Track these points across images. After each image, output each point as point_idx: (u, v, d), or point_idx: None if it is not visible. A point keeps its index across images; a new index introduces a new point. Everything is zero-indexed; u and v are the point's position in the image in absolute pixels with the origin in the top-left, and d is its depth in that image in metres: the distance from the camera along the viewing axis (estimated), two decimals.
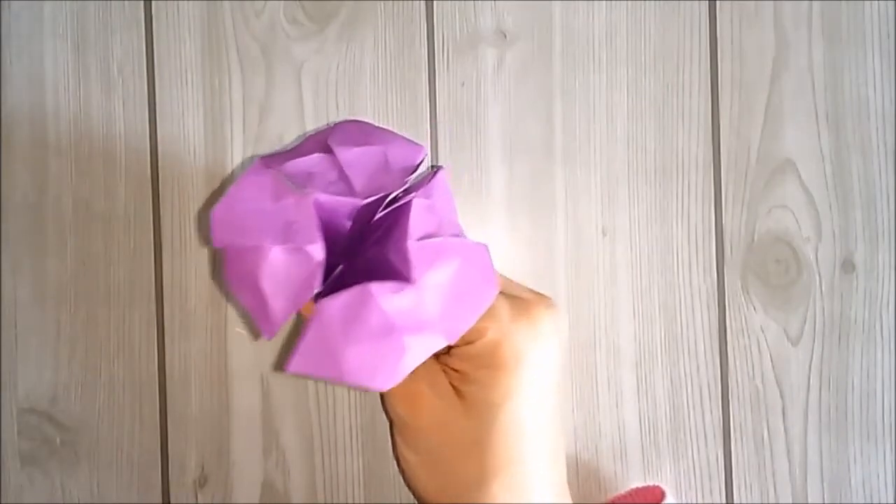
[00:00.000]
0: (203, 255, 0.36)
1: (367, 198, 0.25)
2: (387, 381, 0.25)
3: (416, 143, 0.27)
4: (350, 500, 0.36)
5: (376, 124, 0.29)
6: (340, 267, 0.27)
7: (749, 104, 0.37)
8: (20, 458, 0.36)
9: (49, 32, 0.36)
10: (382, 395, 0.32)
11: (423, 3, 0.37)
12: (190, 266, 0.36)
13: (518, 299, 0.30)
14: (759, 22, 0.37)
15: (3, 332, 0.36)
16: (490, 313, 0.28)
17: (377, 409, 0.36)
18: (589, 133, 0.37)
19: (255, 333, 0.35)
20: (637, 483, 0.36)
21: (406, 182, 0.26)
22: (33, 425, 0.36)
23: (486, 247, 0.27)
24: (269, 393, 0.36)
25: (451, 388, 0.29)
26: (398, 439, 0.31)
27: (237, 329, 0.36)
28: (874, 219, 0.37)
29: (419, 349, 0.25)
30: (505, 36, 0.37)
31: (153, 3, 0.36)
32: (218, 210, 0.25)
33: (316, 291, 0.24)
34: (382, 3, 0.37)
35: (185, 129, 0.36)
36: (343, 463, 0.36)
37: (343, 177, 0.25)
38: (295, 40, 0.36)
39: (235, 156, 0.36)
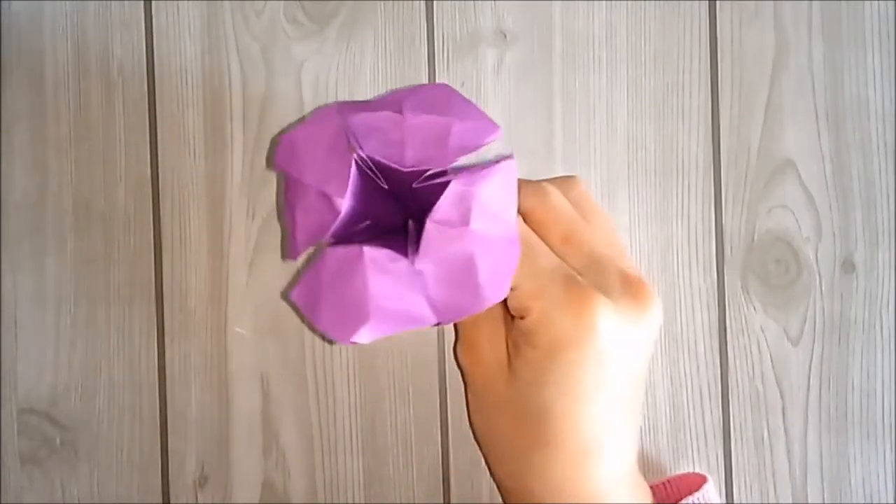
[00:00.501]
0: (203, 255, 0.36)
1: (410, 167, 0.26)
2: (344, 337, 0.26)
3: (493, 124, 0.27)
4: (350, 501, 0.36)
5: (466, 96, 0.28)
6: (367, 222, 0.28)
7: (749, 104, 0.37)
8: (20, 458, 0.36)
9: (49, 32, 0.36)
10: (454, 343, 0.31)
11: (423, 3, 0.37)
12: (190, 266, 0.36)
13: (577, 285, 0.27)
14: (759, 22, 0.37)
15: (3, 332, 0.36)
16: (539, 292, 0.27)
17: (377, 409, 0.36)
18: (589, 133, 0.37)
19: (283, 254, 0.36)
20: None
21: (456, 161, 0.26)
22: (33, 425, 0.36)
23: (514, 242, 0.27)
24: (269, 393, 0.36)
25: (505, 350, 0.28)
26: (467, 395, 0.30)
27: (237, 329, 0.36)
28: (874, 219, 0.37)
29: (388, 322, 0.26)
30: (505, 36, 0.37)
31: (153, 3, 0.36)
32: (286, 138, 0.27)
33: (330, 238, 0.26)
34: (382, 3, 0.37)
35: (185, 128, 0.36)
36: (343, 463, 0.36)
37: (402, 140, 0.26)
38: (295, 40, 0.36)
39: (235, 156, 0.36)
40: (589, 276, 0.28)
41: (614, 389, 0.28)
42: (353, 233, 0.27)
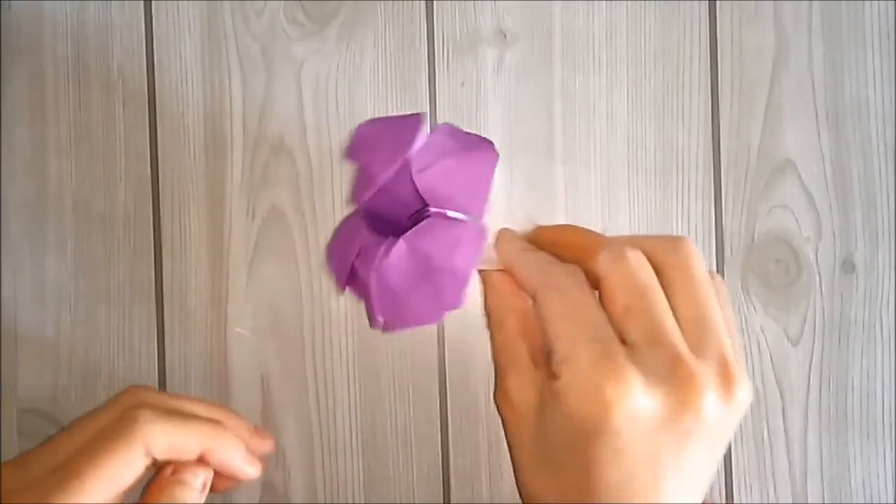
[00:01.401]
0: (203, 255, 0.36)
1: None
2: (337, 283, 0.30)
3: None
4: (350, 500, 0.36)
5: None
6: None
7: (749, 104, 0.37)
8: None
9: (49, 32, 0.36)
10: None
11: (423, 3, 0.37)
12: (190, 266, 0.36)
13: (608, 359, 0.26)
14: (759, 22, 0.37)
15: (3, 332, 0.36)
16: (570, 358, 0.26)
17: (377, 409, 0.36)
18: (589, 133, 0.37)
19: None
20: None
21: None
22: (33, 425, 0.36)
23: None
24: (269, 393, 0.36)
25: (534, 396, 0.28)
26: (505, 430, 0.30)
27: (237, 329, 0.36)
28: (874, 219, 0.37)
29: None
30: (505, 36, 0.37)
31: (153, 3, 0.36)
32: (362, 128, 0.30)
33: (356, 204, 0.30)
34: (382, 3, 0.37)
35: (185, 128, 0.36)
36: (343, 463, 0.36)
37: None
38: (295, 40, 0.36)
39: (235, 156, 0.36)
40: (639, 354, 0.26)
41: (629, 468, 0.26)
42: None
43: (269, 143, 0.36)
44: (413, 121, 0.30)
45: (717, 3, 0.37)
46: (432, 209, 0.30)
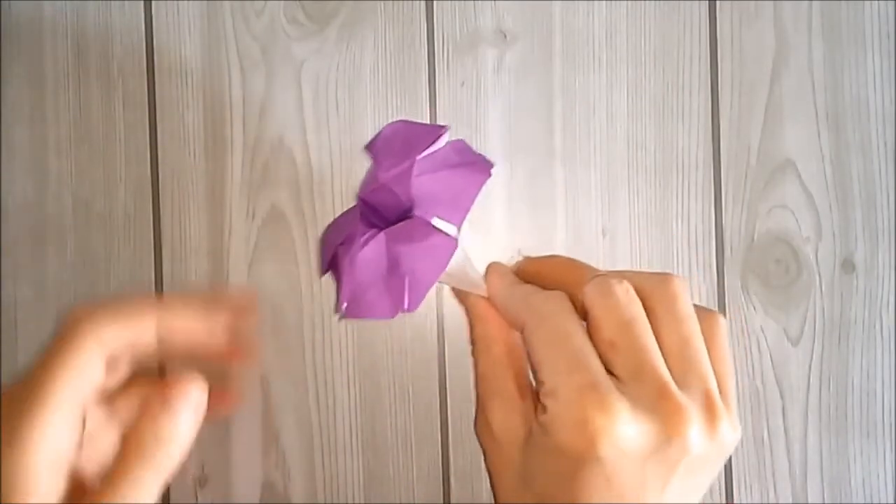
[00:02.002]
0: (203, 255, 0.36)
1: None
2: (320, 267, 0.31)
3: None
4: (350, 500, 0.36)
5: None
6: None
7: (749, 104, 0.37)
8: None
9: (49, 32, 0.36)
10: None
11: (423, 3, 0.37)
12: (190, 266, 0.36)
13: (592, 393, 0.26)
14: (759, 22, 0.37)
15: (3, 332, 0.36)
16: (555, 392, 0.26)
17: (377, 409, 0.36)
18: (589, 133, 0.37)
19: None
20: None
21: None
22: None
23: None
24: (269, 393, 0.36)
25: (518, 425, 0.28)
26: (486, 463, 0.30)
27: None
28: (874, 219, 0.37)
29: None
30: (505, 36, 0.37)
31: (153, 3, 0.36)
32: (388, 128, 0.31)
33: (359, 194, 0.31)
34: (382, 3, 0.37)
35: (185, 129, 0.36)
36: (343, 463, 0.36)
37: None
38: (295, 40, 0.36)
39: (235, 156, 0.36)
40: (625, 386, 0.27)
41: (619, 501, 0.26)
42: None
43: (269, 143, 0.36)
44: (435, 130, 0.31)
45: (717, 3, 0.37)
46: (416, 213, 0.30)
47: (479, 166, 0.31)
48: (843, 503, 0.37)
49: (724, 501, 0.37)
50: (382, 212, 0.31)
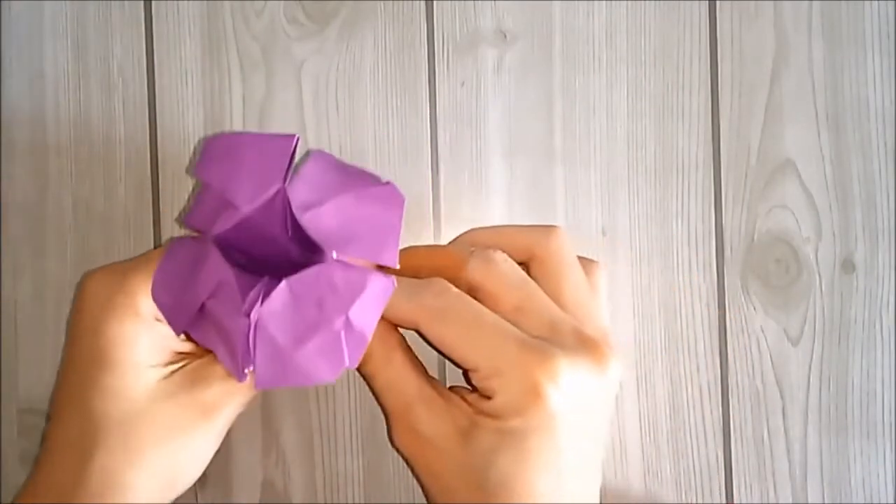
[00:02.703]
0: None
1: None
2: (174, 321, 0.27)
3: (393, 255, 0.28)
4: (350, 500, 0.36)
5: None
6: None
7: (749, 104, 0.37)
8: (20, 458, 0.36)
9: (49, 32, 0.36)
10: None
11: (423, 3, 0.37)
12: None
13: (528, 346, 0.26)
14: (759, 22, 0.37)
15: (3, 332, 0.36)
16: (496, 370, 0.26)
17: (377, 409, 0.36)
18: (589, 133, 0.37)
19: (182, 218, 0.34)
20: (637, 484, 0.36)
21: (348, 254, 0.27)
22: (33, 425, 0.36)
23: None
24: (269, 393, 0.36)
25: (449, 423, 0.27)
26: (417, 476, 0.30)
27: None
28: (874, 219, 0.37)
29: (205, 332, 0.27)
30: (505, 36, 0.37)
31: (153, 3, 0.36)
32: (229, 138, 0.28)
33: (212, 234, 0.27)
34: (382, 3, 0.37)
35: (185, 129, 0.36)
36: (343, 463, 0.36)
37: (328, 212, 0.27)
38: (295, 40, 0.36)
39: None
40: (549, 340, 0.27)
41: (571, 454, 0.27)
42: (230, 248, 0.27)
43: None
44: (283, 143, 0.27)
45: (717, 3, 0.37)
46: (334, 254, 0.26)
47: (381, 187, 0.27)
48: (843, 503, 0.37)
49: (724, 501, 0.37)
50: (254, 253, 0.27)
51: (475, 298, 0.28)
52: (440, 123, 0.37)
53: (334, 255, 0.26)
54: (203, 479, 0.36)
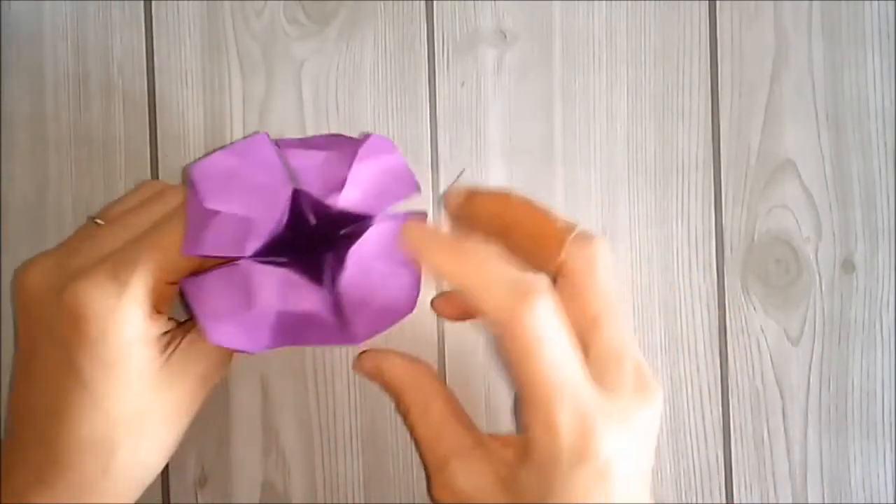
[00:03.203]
0: None
1: (341, 208, 0.29)
2: (213, 331, 0.29)
3: (415, 183, 0.30)
4: (350, 500, 0.36)
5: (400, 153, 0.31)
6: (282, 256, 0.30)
7: (749, 104, 0.37)
8: None
9: (49, 32, 0.36)
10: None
11: (423, 3, 0.37)
12: None
13: (581, 403, 0.24)
14: (759, 22, 0.37)
15: (2, 332, 0.36)
16: (539, 408, 0.24)
17: (377, 409, 0.36)
18: (589, 133, 0.37)
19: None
20: None
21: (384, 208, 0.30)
22: None
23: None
24: (269, 393, 0.36)
25: (488, 475, 0.26)
26: None
27: None
28: (874, 219, 0.37)
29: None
30: (505, 36, 0.37)
31: (153, 3, 0.36)
32: (210, 163, 0.29)
33: (247, 256, 0.28)
34: (382, 3, 0.37)
35: (185, 129, 0.36)
36: (343, 463, 0.36)
37: (342, 183, 0.29)
38: (295, 40, 0.36)
39: None
40: (608, 372, 0.26)
41: (622, 499, 0.25)
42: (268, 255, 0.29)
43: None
44: (264, 147, 0.28)
45: (717, 3, 0.37)
46: (375, 217, 0.28)
47: (372, 143, 0.29)
48: (843, 503, 0.37)
49: (724, 501, 0.37)
50: (270, 251, 0.28)
51: (557, 280, 0.26)
52: (440, 123, 0.37)
53: (377, 218, 0.28)
54: (203, 479, 0.36)
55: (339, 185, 0.28)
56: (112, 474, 0.28)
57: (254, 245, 0.27)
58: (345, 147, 0.30)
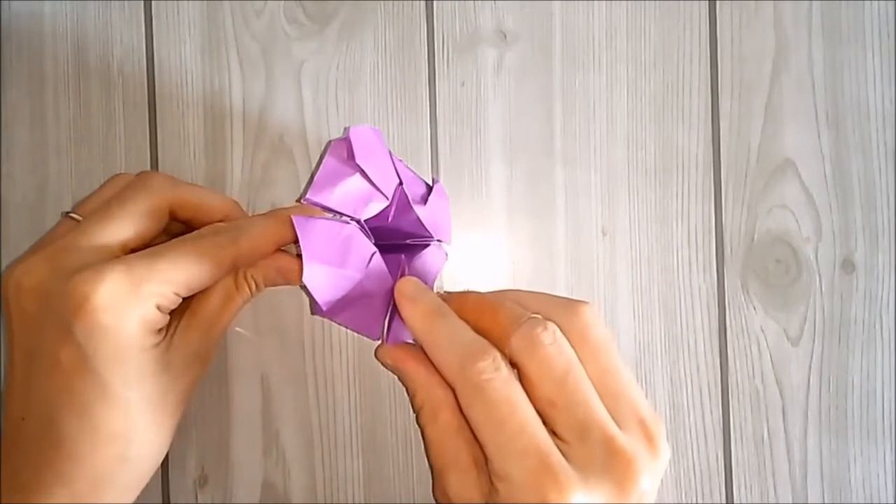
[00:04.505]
0: None
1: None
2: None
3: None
4: (350, 500, 0.36)
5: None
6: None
7: (749, 104, 0.37)
8: None
9: (49, 32, 0.36)
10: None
11: (423, 3, 0.37)
12: None
13: (544, 471, 0.25)
14: (759, 22, 0.37)
15: (2, 332, 0.36)
16: (505, 473, 0.25)
17: (377, 409, 0.36)
18: (589, 133, 0.37)
19: None
20: None
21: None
22: None
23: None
24: (269, 393, 0.36)
25: (476, 494, 0.27)
26: None
27: (237, 329, 0.36)
28: (874, 219, 0.37)
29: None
30: (505, 36, 0.37)
31: (153, 3, 0.36)
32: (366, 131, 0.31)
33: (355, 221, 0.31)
34: (382, 3, 0.37)
35: (185, 129, 0.36)
36: (343, 463, 0.36)
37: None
38: (295, 40, 0.36)
39: (235, 156, 0.36)
40: (572, 448, 0.26)
41: None
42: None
43: (269, 143, 0.36)
44: (378, 134, 0.32)
45: (717, 3, 0.37)
46: (434, 240, 0.33)
47: (438, 187, 0.33)
48: (843, 503, 0.37)
49: (724, 501, 0.37)
50: (379, 236, 0.32)
51: (517, 373, 0.27)
52: (440, 123, 0.37)
53: (434, 240, 0.33)
54: (203, 479, 0.36)
55: (423, 200, 0.32)
56: (129, 464, 0.29)
57: (368, 213, 0.30)
58: (417, 177, 0.34)
